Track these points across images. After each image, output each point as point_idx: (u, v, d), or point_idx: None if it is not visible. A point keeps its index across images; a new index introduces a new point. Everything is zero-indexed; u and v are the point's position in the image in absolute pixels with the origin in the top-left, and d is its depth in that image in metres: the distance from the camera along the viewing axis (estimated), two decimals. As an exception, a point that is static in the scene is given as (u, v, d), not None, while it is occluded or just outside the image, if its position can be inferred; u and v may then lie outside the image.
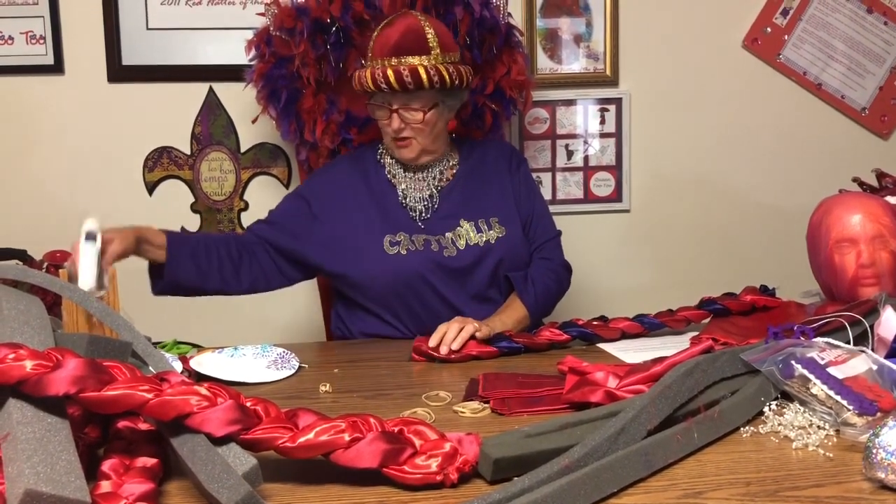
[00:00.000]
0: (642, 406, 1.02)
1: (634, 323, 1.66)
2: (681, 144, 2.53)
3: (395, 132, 1.74)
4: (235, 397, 0.95)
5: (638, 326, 1.66)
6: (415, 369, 1.50)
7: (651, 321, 1.67)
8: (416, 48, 1.71)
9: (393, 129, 1.73)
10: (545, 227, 1.91)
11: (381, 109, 1.75)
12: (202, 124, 2.38)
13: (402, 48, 1.71)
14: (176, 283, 1.70)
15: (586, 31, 2.46)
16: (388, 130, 1.76)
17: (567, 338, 1.62)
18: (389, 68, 1.69)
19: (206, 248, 1.72)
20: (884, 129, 2.57)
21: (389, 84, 1.68)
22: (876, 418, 1.04)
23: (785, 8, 2.49)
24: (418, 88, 1.69)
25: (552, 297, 1.86)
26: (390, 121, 1.73)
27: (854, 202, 1.54)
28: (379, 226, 1.77)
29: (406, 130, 1.74)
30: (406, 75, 1.68)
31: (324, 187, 1.84)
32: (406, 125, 1.73)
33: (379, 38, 1.74)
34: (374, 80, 1.70)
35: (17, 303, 1.05)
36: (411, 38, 1.72)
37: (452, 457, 0.95)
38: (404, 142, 1.76)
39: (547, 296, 1.83)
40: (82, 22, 2.31)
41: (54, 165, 2.36)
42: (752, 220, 2.57)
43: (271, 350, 1.52)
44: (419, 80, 1.68)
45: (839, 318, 1.32)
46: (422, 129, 1.74)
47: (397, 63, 1.70)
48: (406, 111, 1.72)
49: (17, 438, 0.84)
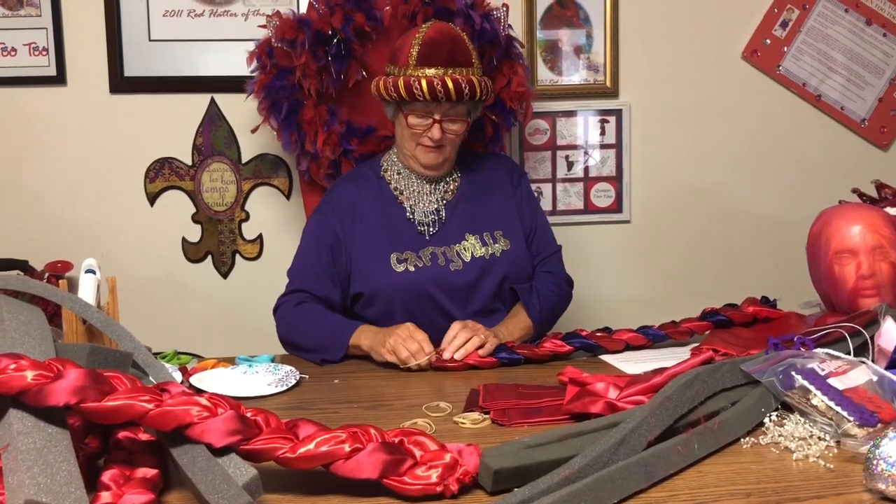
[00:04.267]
0: (643, 417, 1.02)
1: (638, 335, 1.66)
2: (681, 155, 2.53)
3: (435, 142, 1.74)
4: (236, 408, 0.95)
5: (642, 338, 1.66)
6: (415, 380, 1.50)
7: (655, 333, 1.67)
8: (464, 60, 1.73)
9: (434, 138, 1.73)
10: (547, 241, 1.93)
11: (420, 118, 1.74)
12: (204, 135, 2.39)
13: (455, 59, 1.71)
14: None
15: (586, 42, 2.47)
16: (421, 139, 1.76)
17: (569, 349, 1.62)
18: (448, 78, 1.68)
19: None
20: (883, 141, 2.58)
21: (447, 93, 1.68)
22: (876, 429, 1.04)
23: (784, 20, 2.51)
24: (468, 100, 1.72)
25: (556, 311, 1.88)
26: (430, 130, 1.73)
27: (854, 213, 1.54)
28: (387, 243, 1.78)
29: (443, 139, 1.75)
30: (464, 86, 1.68)
31: (339, 213, 1.83)
32: (444, 134, 1.74)
33: (426, 45, 1.71)
34: (430, 89, 1.67)
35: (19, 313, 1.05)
36: (460, 50, 1.73)
37: (453, 467, 0.95)
38: (436, 149, 1.76)
39: (551, 309, 1.85)
40: (85, 33, 2.32)
41: (56, 176, 2.36)
42: (752, 230, 2.57)
43: (280, 369, 1.52)
44: (473, 91, 1.70)
45: (839, 328, 1.32)
46: (455, 139, 1.77)
47: (453, 72, 1.70)
48: (448, 122, 1.73)
49: (18, 449, 0.84)
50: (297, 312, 1.74)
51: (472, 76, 1.72)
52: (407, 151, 1.81)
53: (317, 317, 1.72)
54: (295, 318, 1.74)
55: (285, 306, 1.78)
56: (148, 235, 2.40)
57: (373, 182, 1.87)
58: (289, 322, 1.76)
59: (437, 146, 1.76)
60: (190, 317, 2.42)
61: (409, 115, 1.74)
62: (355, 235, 1.80)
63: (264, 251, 2.44)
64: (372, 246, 1.78)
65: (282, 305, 1.79)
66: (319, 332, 1.69)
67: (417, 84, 1.68)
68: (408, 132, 1.77)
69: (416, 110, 1.73)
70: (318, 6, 2.03)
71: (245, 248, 2.43)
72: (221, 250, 2.43)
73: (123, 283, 1.49)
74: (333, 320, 1.72)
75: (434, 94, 1.68)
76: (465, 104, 1.75)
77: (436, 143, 1.75)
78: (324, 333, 1.69)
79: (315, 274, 1.79)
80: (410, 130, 1.76)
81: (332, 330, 1.69)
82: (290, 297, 1.78)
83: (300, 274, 1.81)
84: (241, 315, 2.43)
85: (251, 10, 2.35)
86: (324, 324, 1.71)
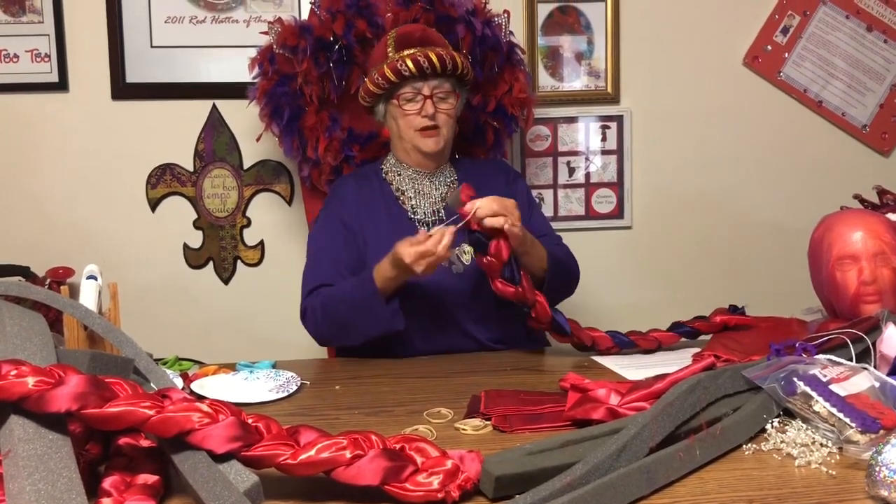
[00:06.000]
0: (644, 423, 1.02)
1: (606, 336, 1.67)
2: (682, 161, 2.54)
3: (430, 117, 1.79)
4: (237, 414, 0.95)
5: (609, 340, 1.66)
6: (417, 386, 1.50)
7: (623, 339, 1.67)
8: (438, 41, 1.84)
9: (428, 113, 1.78)
10: (550, 236, 1.91)
11: (411, 101, 1.80)
12: (205, 141, 2.40)
13: (427, 40, 1.81)
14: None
15: (587, 48, 2.48)
16: (415, 122, 1.80)
17: (610, 344, 1.64)
18: (430, 52, 1.76)
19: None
20: (885, 147, 2.58)
21: (432, 65, 1.75)
22: (879, 436, 1.04)
23: (785, 26, 2.51)
24: (451, 73, 1.79)
25: (568, 267, 1.85)
26: (423, 107, 1.78)
27: (855, 219, 1.54)
28: (390, 241, 1.77)
29: (437, 117, 1.79)
30: (446, 58, 1.77)
31: (346, 206, 1.85)
32: (437, 111, 1.79)
33: (400, 36, 1.82)
34: (415, 63, 1.75)
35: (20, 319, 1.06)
36: (432, 34, 1.85)
37: (454, 474, 0.95)
38: (433, 131, 1.80)
39: (563, 260, 1.82)
40: (87, 40, 2.33)
41: (58, 182, 2.37)
42: (753, 236, 2.57)
43: (281, 375, 1.52)
44: (455, 64, 1.78)
45: (841, 335, 1.31)
46: (447, 118, 1.82)
47: (431, 49, 1.77)
48: (438, 99, 1.79)
49: (19, 455, 0.84)
50: (317, 303, 1.72)
51: (451, 52, 1.80)
52: (407, 143, 1.84)
53: (334, 294, 1.71)
54: (322, 308, 1.71)
55: (311, 307, 1.75)
56: (149, 241, 2.40)
57: (375, 182, 1.89)
58: (315, 319, 1.73)
59: (434, 126, 1.80)
60: (191, 323, 2.42)
61: (400, 100, 1.80)
62: (363, 225, 1.82)
63: (266, 257, 2.44)
64: (379, 241, 1.78)
65: (307, 309, 1.76)
66: (346, 301, 1.68)
67: (402, 63, 1.76)
68: (403, 121, 1.81)
69: (405, 93, 1.79)
70: (320, 13, 2.04)
71: (246, 255, 2.44)
72: (223, 256, 2.43)
73: (125, 289, 1.49)
74: (351, 285, 1.70)
75: (420, 68, 1.75)
76: (450, 80, 1.81)
77: (431, 121, 1.79)
78: (351, 299, 1.67)
79: (332, 262, 1.78)
80: (405, 117, 1.80)
81: (354, 290, 1.67)
82: (311, 298, 1.75)
83: (315, 271, 1.80)
84: (243, 321, 2.44)
85: (253, 16, 2.36)
86: (345, 294, 1.69)
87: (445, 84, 1.80)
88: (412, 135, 1.81)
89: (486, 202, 1.55)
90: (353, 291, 1.67)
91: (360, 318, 1.66)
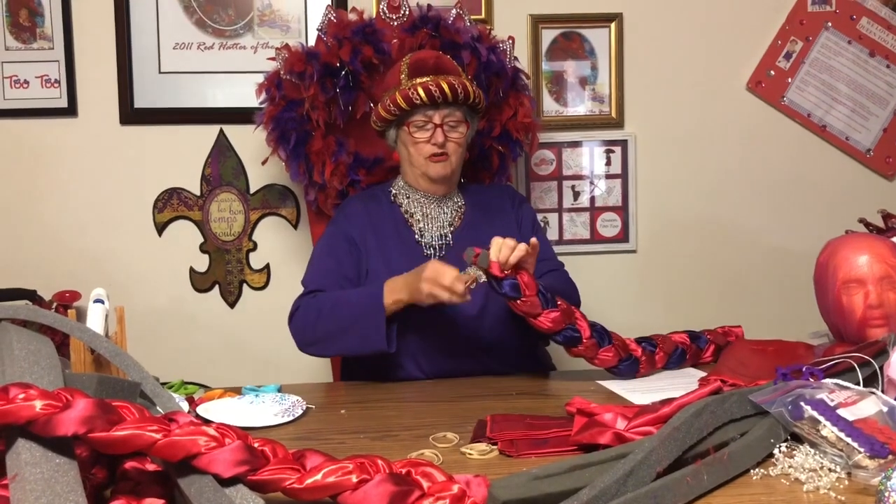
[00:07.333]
0: (651, 448, 1.01)
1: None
2: (687, 186, 2.54)
3: (440, 145, 1.79)
4: (243, 438, 0.95)
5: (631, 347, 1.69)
6: (422, 410, 1.49)
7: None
8: (451, 69, 1.84)
9: (437, 142, 1.79)
10: (549, 261, 1.90)
11: (422, 128, 1.80)
12: (212, 166, 2.41)
13: (441, 68, 1.81)
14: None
15: (591, 74, 2.50)
16: (425, 149, 1.80)
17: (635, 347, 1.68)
18: (441, 81, 1.77)
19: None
20: (889, 171, 2.59)
21: (444, 94, 1.76)
22: (887, 461, 1.03)
23: (788, 51, 2.53)
24: (463, 102, 1.80)
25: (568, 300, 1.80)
26: (433, 135, 1.79)
27: (861, 243, 1.54)
28: (398, 262, 1.78)
29: (447, 145, 1.80)
30: (458, 87, 1.77)
31: (353, 223, 1.85)
32: (447, 139, 1.80)
33: (414, 63, 1.82)
34: (427, 92, 1.75)
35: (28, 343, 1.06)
36: (446, 62, 1.85)
37: (460, 499, 0.95)
38: (442, 157, 1.81)
39: (562, 293, 1.77)
40: (96, 66, 2.36)
41: (65, 206, 2.38)
42: (758, 260, 2.57)
43: (287, 399, 1.52)
44: (467, 93, 1.79)
45: (848, 359, 1.31)
46: (457, 146, 1.83)
47: (444, 78, 1.78)
48: (448, 127, 1.80)
49: (26, 479, 0.84)
50: (318, 302, 1.71)
51: (464, 81, 1.80)
52: (416, 169, 1.85)
53: (339, 296, 1.70)
54: (316, 308, 1.70)
55: (304, 306, 1.73)
56: (156, 265, 2.41)
57: (384, 203, 1.90)
58: (309, 316, 1.70)
59: (443, 153, 1.80)
60: (197, 346, 2.42)
61: (411, 127, 1.81)
62: (369, 245, 1.82)
63: (271, 281, 2.45)
64: (385, 259, 1.79)
65: (299, 308, 1.74)
66: (350, 305, 1.66)
67: (414, 91, 1.77)
68: (414, 148, 1.82)
69: (416, 121, 1.80)
70: (327, 39, 2.06)
71: (252, 278, 2.44)
72: (229, 280, 2.44)
73: (131, 313, 1.49)
74: (358, 292, 1.70)
75: (431, 96, 1.76)
76: (461, 109, 1.82)
77: (441, 149, 1.79)
78: (356, 304, 1.66)
79: (333, 272, 1.78)
80: (416, 144, 1.81)
81: (361, 297, 1.67)
82: (307, 298, 1.74)
83: (314, 277, 1.80)
84: (248, 345, 2.44)
85: (260, 42, 2.39)
86: (350, 298, 1.68)
87: (457, 112, 1.81)
88: (422, 161, 1.82)
89: (495, 247, 1.55)
90: (359, 297, 1.68)
91: (357, 327, 1.65)
